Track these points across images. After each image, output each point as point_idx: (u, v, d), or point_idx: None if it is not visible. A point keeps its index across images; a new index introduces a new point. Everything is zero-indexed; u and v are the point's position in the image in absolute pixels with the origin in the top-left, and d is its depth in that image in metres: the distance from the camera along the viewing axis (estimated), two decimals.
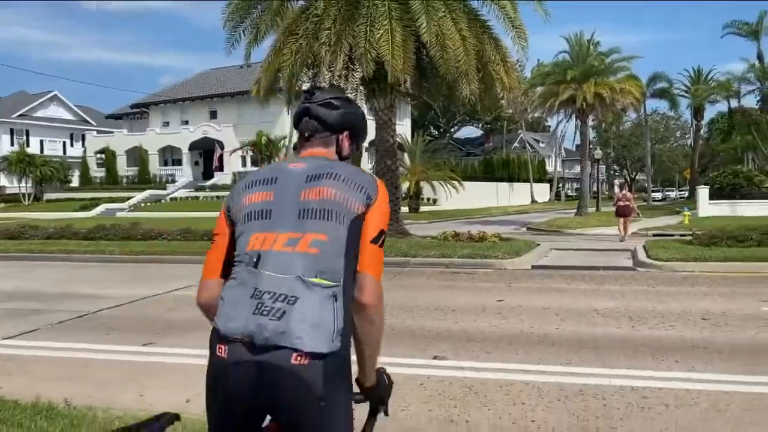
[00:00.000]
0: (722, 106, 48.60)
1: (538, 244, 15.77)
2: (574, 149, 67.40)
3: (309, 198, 1.87)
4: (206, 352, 1.87)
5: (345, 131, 2.07)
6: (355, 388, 1.97)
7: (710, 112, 57.80)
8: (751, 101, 45.50)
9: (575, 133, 60.11)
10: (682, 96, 50.78)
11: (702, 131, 56.63)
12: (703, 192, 29.99)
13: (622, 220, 19.19)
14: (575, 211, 35.05)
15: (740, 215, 25.18)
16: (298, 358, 1.71)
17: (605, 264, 13.14)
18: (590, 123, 42.37)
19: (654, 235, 20.02)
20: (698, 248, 13.47)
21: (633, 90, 33.78)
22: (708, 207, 28.95)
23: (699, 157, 55.06)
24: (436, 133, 69.17)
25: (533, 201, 58.00)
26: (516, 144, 72.04)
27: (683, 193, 63.57)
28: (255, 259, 1.81)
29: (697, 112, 51.29)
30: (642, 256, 13.19)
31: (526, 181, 59.25)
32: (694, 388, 4.96)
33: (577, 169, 40.92)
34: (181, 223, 20.91)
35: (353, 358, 1.90)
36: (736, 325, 7.18)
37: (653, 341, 6.54)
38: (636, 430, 4.20)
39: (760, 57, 36.69)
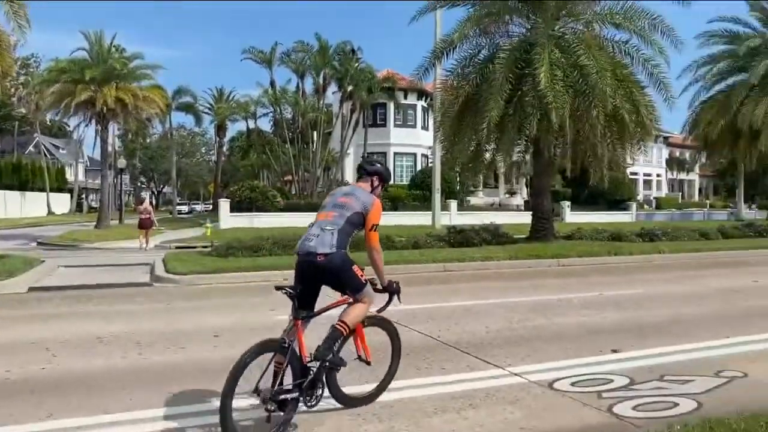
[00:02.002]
0: (242, 126, 52.61)
1: (43, 261, 13.47)
2: (99, 158, 63.46)
3: (338, 201, 4.39)
4: None
5: (376, 175, 4.59)
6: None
7: (232, 131, 62.18)
8: (266, 123, 50.57)
9: (95, 139, 56.47)
10: (206, 113, 53.09)
11: (225, 148, 60.38)
12: (224, 205, 31.39)
13: (143, 231, 20.34)
14: (96, 223, 32.53)
15: (257, 227, 27.11)
16: (320, 257, 4.08)
17: (119, 281, 11.88)
18: (116, 132, 40.31)
19: (177, 248, 19.68)
20: (217, 259, 13.44)
21: (158, 100, 33.35)
22: (229, 219, 30.40)
23: (222, 172, 58.48)
24: None
25: (50, 212, 52.05)
26: (31, 148, 63.63)
27: (208, 206, 66.55)
28: (312, 222, 4.33)
29: (220, 129, 54.40)
30: (160, 270, 12.40)
31: (42, 190, 52.81)
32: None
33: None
34: None
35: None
36: (251, 339, 6.88)
37: (163, 370, 5.68)
38: None
39: (273, 84, 40.80)
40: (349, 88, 40.01)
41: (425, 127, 48.11)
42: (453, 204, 35.05)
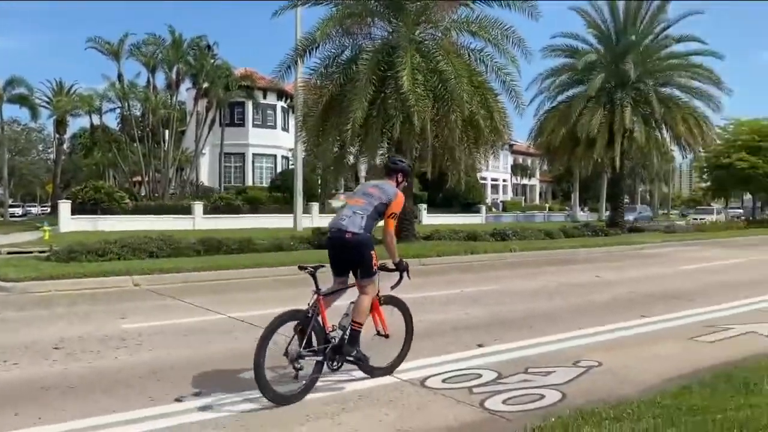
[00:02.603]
0: (86, 121, 48.64)
1: None
2: None
3: (368, 191, 5.19)
4: None
5: (399, 172, 5.39)
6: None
7: (74, 127, 57.27)
8: (113, 120, 47.13)
9: None
10: (44, 107, 48.43)
11: (65, 145, 55.44)
12: (64, 207, 28.74)
13: None
14: None
15: (102, 230, 25.14)
16: (348, 234, 4.87)
17: None
18: None
19: (9, 253, 17.64)
20: (57, 265, 12.18)
21: None
22: (70, 222, 27.92)
23: (63, 171, 53.69)
24: None
25: None
26: None
27: (46, 208, 60.76)
28: (342, 205, 5.81)
29: (60, 124, 49.89)
30: None
31: None
32: None
33: None
34: None
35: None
36: (96, 351, 6.21)
37: None
38: None
39: (120, 77, 38.12)
40: (205, 85, 38.41)
41: (285, 129, 47.50)
42: (315, 206, 34.84)
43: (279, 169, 46.42)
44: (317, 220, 31.82)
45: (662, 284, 12.03)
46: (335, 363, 5.00)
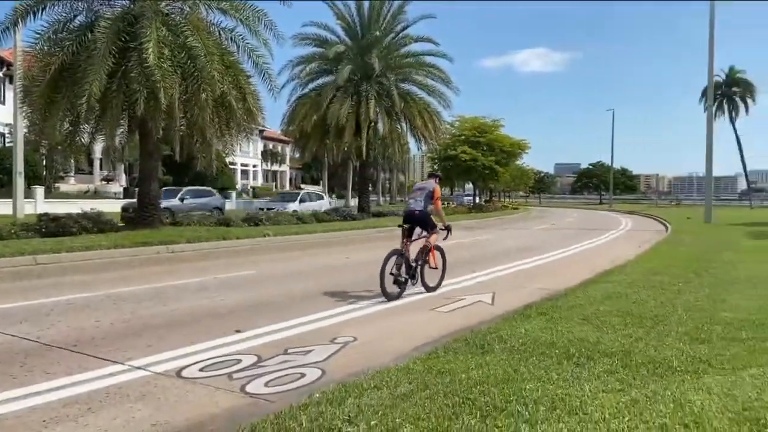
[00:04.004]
0: None
1: None
2: None
3: (421, 187, 9.54)
4: None
5: (436, 177, 9.96)
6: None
7: None
8: None
9: None
10: None
11: None
12: None
13: None
14: None
15: None
16: (417, 212, 9.08)
17: None
18: None
19: None
20: None
21: None
22: None
23: None
24: None
25: None
26: None
27: None
28: (410, 195, 9.79)
29: None
30: None
31: None
32: None
33: None
34: None
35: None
36: None
37: None
38: None
39: None
40: None
41: (1, 101, 41.19)
42: (39, 190, 30.78)
43: None
44: (42, 205, 28.02)
45: None
46: (414, 280, 8.77)
